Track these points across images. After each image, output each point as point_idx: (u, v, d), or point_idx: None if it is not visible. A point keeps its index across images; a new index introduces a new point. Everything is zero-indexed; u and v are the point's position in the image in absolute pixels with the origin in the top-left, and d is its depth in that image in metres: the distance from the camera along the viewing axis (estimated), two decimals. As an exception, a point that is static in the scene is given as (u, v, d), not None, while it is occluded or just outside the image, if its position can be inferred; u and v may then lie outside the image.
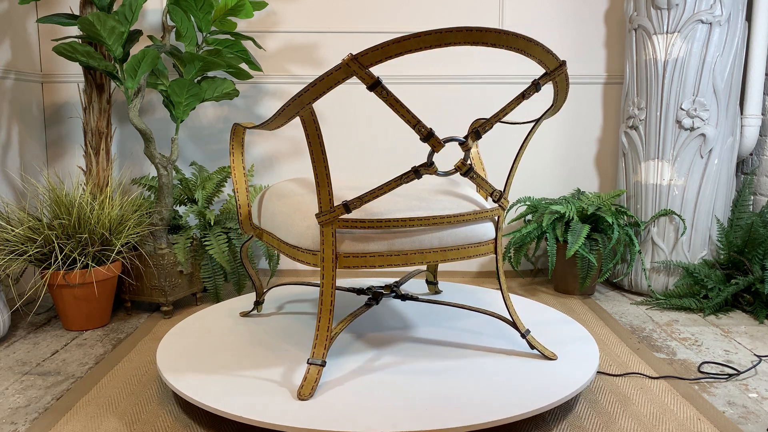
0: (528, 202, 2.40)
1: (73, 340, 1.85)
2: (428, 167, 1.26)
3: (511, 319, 1.47)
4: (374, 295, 1.65)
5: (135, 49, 2.42)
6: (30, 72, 2.35)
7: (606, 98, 2.56)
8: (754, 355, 1.73)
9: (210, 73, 2.43)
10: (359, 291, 1.76)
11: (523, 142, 1.42)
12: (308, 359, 1.31)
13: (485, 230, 1.45)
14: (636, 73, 2.30)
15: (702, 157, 2.18)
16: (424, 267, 2.36)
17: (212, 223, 2.16)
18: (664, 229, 2.25)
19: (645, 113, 2.26)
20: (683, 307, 2.14)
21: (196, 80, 2.17)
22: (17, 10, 2.27)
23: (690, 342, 1.83)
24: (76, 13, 2.38)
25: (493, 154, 2.58)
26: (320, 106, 2.52)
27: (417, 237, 1.34)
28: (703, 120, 2.15)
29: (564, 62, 1.26)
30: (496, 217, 1.48)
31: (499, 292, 2.07)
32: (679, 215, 2.21)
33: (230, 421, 1.32)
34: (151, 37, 2.16)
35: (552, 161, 2.60)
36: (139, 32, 2.06)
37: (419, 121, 1.19)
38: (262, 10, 2.43)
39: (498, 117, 1.27)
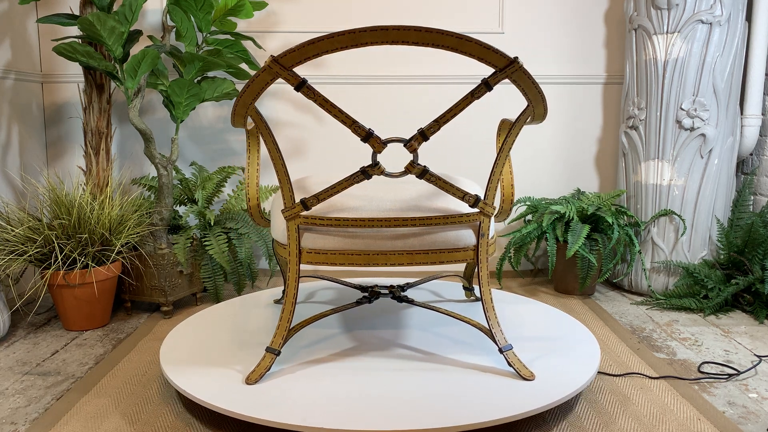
0: (528, 202, 2.40)
1: (73, 340, 1.85)
2: (373, 167, 1.27)
3: (490, 330, 1.41)
4: (371, 294, 1.66)
5: (135, 49, 2.41)
6: (30, 72, 2.35)
7: (606, 98, 2.56)
8: (754, 355, 1.73)
9: (210, 73, 2.43)
10: (363, 288, 1.77)
11: (502, 146, 1.35)
12: (267, 346, 1.36)
13: (461, 236, 1.37)
14: (636, 73, 2.30)
15: (702, 157, 2.18)
16: (445, 269, 2.36)
17: (212, 223, 2.16)
18: (664, 229, 2.25)
19: (645, 113, 2.26)
20: (683, 307, 2.14)
21: (196, 80, 2.17)
22: (17, 10, 2.27)
23: (690, 342, 1.83)
24: (76, 13, 2.38)
25: (489, 156, 2.58)
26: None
27: (376, 237, 1.34)
28: (703, 120, 2.15)
29: (515, 59, 1.16)
30: (478, 223, 1.39)
31: (504, 293, 2.06)
32: (679, 215, 2.21)
33: (232, 419, 1.32)
34: (151, 37, 2.16)
35: (552, 161, 2.60)
36: (139, 32, 2.06)
37: (355, 121, 1.21)
38: (262, 10, 2.43)
39: (446, 118, 1.23)
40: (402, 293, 1.69)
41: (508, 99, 2.54)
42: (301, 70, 2.49)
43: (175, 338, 1.59)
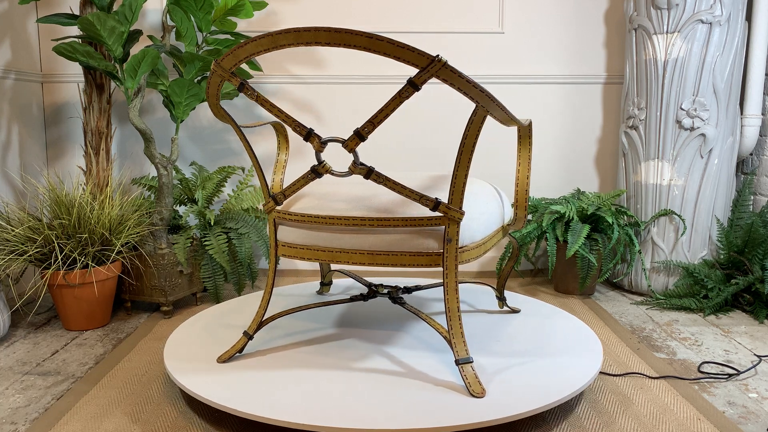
0: (528, 202, 2.40)
1: (73, 340, 1.85)
2: (320, 166, 1.32)
3: (450, 340, 1.34)
4: (369, 293, 1.69)
5: (135, 49, 2.42)
6: (30, 72, 2.35)
7: (606, 98, 2.56)
8: (754, 355, 1.73)
9: (210, 73, 2.43)
10: (368, 285, 1.78)
11: (461, 148, 1.25)
12: (244, 330, 1.49)
13: (423, 240, 1.31)
14: (636, 73, 2.30)
15: (702, 157, 2.18)
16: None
17: (212, 223, 2.16)
18: (664, 229, 2.25)
19: (645, 113, 2.26)
20: (683, 307, 2.14)
21: (196, 80, 2.17)
22: (17, 10, 2.27)
23: (690, 342, 1.83)
24: (76, 13, 2.38)
25: (491, 158, 2.58)
26: (320, 104, 2.52)
27: (338, 235, 1.36)
28: (703, 120, 2.15)
29: (435, 57, 1.09)
30: (443, 228, 1.29)
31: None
32: (679, 215, 2.21)
33: (234, 418, 1.33)
34: (151, 37, 2.16)
35: (552, 161, 2.60)
36: (139, 32, 2.06)
37: (295, 120, 1.27)
38: (262, 10, 2.43)
39: (378, 118, 1.20)
40: (399, 295, 1.69)
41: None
42: (302, 70, 2.49)
43: (178, 337, 1.60)
